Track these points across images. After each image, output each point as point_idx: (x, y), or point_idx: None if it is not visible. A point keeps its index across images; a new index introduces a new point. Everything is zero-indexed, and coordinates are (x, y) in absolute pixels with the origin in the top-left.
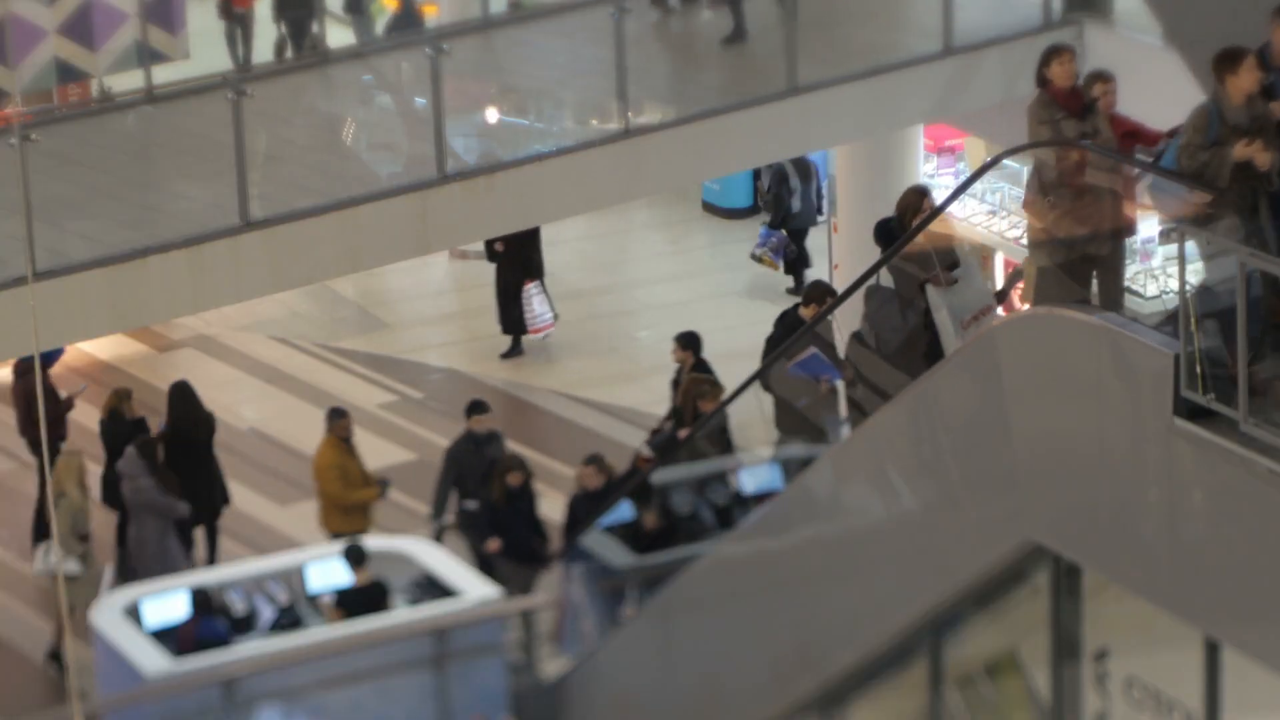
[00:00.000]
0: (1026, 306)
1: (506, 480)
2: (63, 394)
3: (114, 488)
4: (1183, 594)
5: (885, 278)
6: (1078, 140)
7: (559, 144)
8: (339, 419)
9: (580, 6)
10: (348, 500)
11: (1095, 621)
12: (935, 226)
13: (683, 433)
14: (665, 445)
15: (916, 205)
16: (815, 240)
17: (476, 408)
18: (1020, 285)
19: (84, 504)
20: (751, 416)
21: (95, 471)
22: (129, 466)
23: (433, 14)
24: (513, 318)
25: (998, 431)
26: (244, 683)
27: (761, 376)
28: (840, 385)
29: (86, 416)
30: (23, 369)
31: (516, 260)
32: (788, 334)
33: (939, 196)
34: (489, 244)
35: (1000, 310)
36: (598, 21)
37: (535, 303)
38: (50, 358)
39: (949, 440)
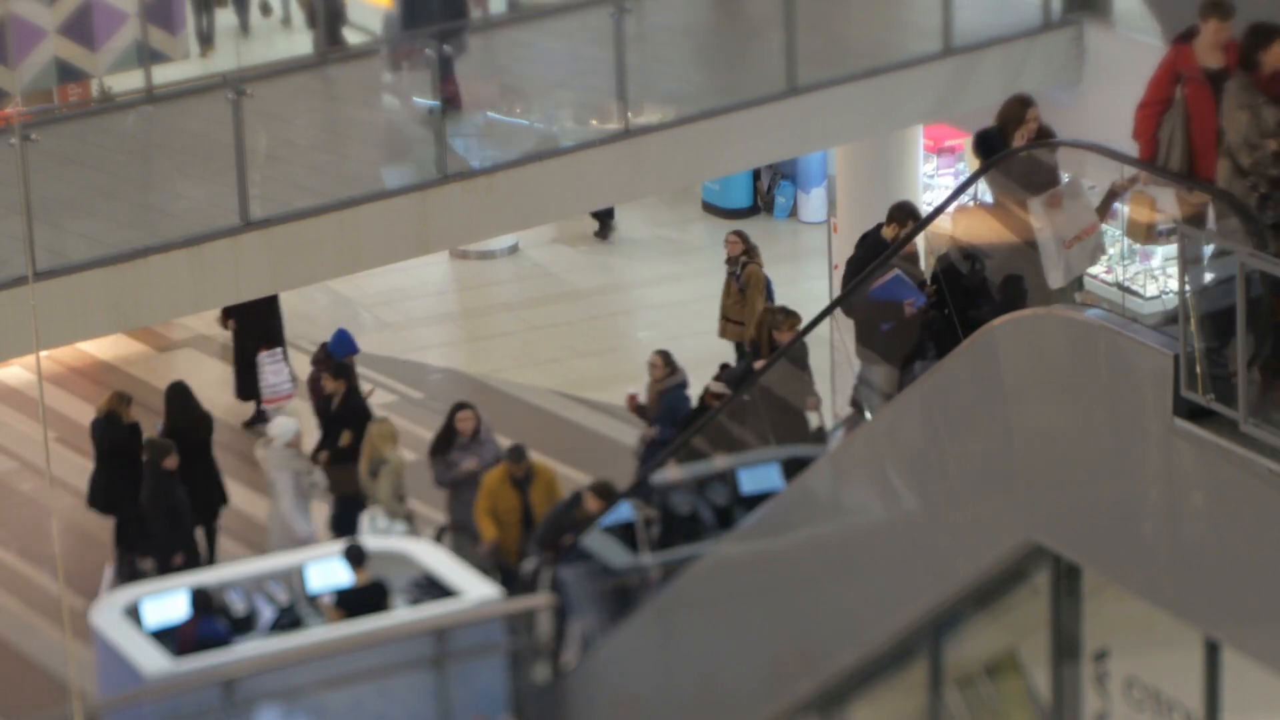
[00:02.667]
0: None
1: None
2: (365, 387)
3: (104, 490)
4: (1183, 594)
5: (985, 191)
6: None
7: (559, 144)
8: (517, 460)
9: (580, 6)
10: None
11: (1095, 621)
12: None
13: (759, 364)
14: (740, 377)
15: (1019, 116)
16: (815, 240)
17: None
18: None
19: (402, 465)
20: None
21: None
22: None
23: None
24: (247, 385)
25: (998, 431)
26: (244, 683)
27: (843, 301)
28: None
29: (89, 418)
30: (320, 357)
31: (253, 329)
32: (870, 255)
33: (939, 197)
34: (222, 318)
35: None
36: (598, 21)
37: (269, 373)
38: (346, 349)
39: (949, 440)
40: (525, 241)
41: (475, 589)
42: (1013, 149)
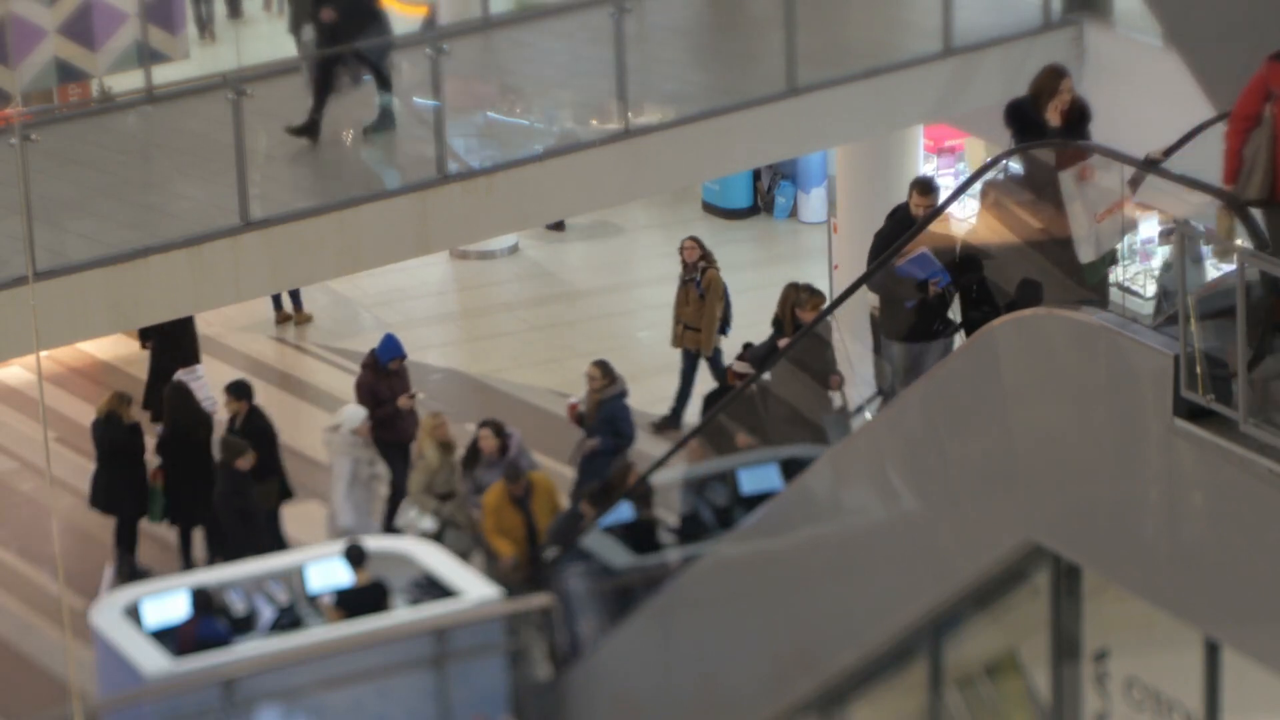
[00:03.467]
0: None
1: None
2: (419, 396)
3: (105, 491)
4: (1183, 594)
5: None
6: None
7: (559, 144)
8: (514, 479)
9: (580, 6)
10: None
11: (1095, 622)
12: (935, 227)
13: (783, 341)
14: (764, 356)
15: (1053, 87)
16: (816, 240)
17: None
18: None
19: (443, 464)
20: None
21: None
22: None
23: (423, 14)
24: (155, 403)
25: (998, 431)
26: (244, 683)
27: (868, 279)
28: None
29: (89, 418)
30: (369, 362)
31: (169, 348)
32: (898, 230)
33: (939, 197)
34: (141, 339)
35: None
36: (598, 21)
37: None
38: (392, 353)
39: (949, 440)
40: (525, 241)
41: (475, 589)
42: (1011, 150)
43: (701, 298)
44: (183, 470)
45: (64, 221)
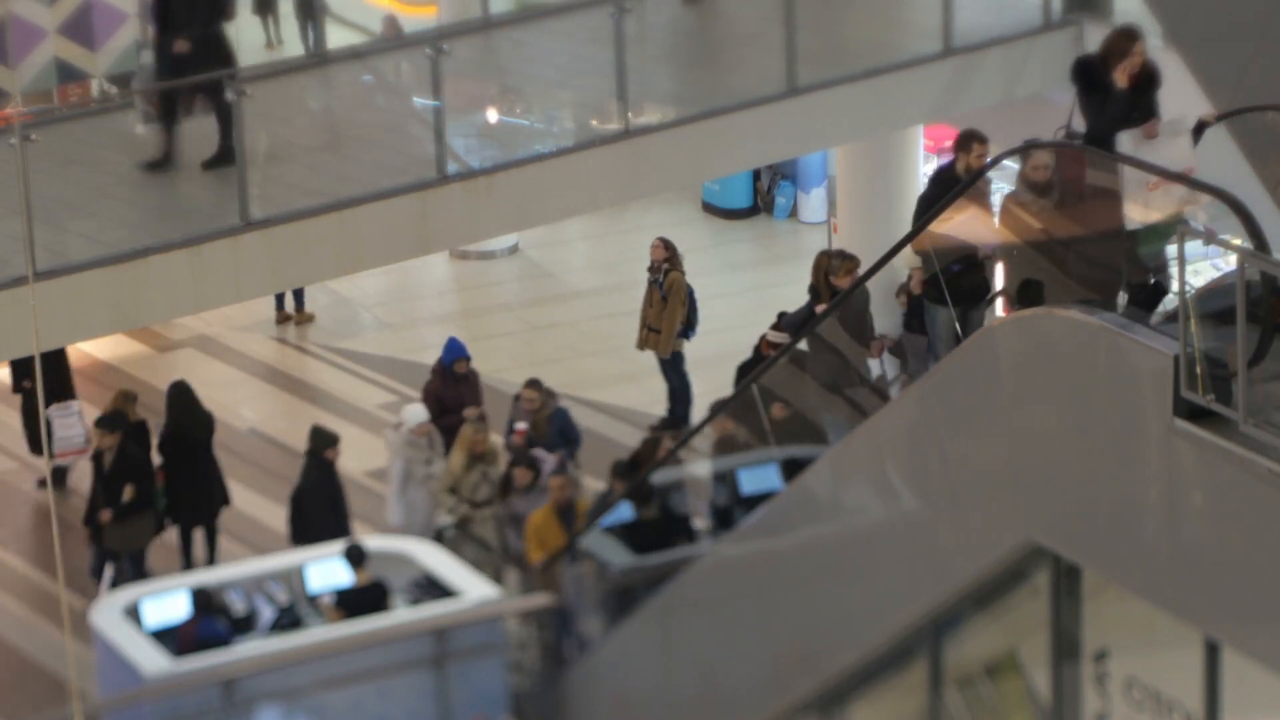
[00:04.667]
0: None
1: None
2: (471, 411)
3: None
4: (1183, 594)
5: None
6: None
7: (559, 144)
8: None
9: (580, 6)
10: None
11: (1095, 622)
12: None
13: (820, 307)
14: (800, 323)
15: (1124, 49)
16: (816, 240)
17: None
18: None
19: (469, 472)
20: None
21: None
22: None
23: (431, 14)
24: (38, 439)
25: (998, 431)
26: (244, 683)
27: (910, 241)
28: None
29: (89, 418)
30: (439, 368)
31: (45, 383)
32: (942, 191)
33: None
34: (15, 380)
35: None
36: (598, 21)
37: (59, 426)
38: (455, 354)
39: (949, 440)
40: (525, 241)
41: (475, 589)
42: (1014, 149)
43: (664, 299)
44: (183, 470)
45: (64, 221)
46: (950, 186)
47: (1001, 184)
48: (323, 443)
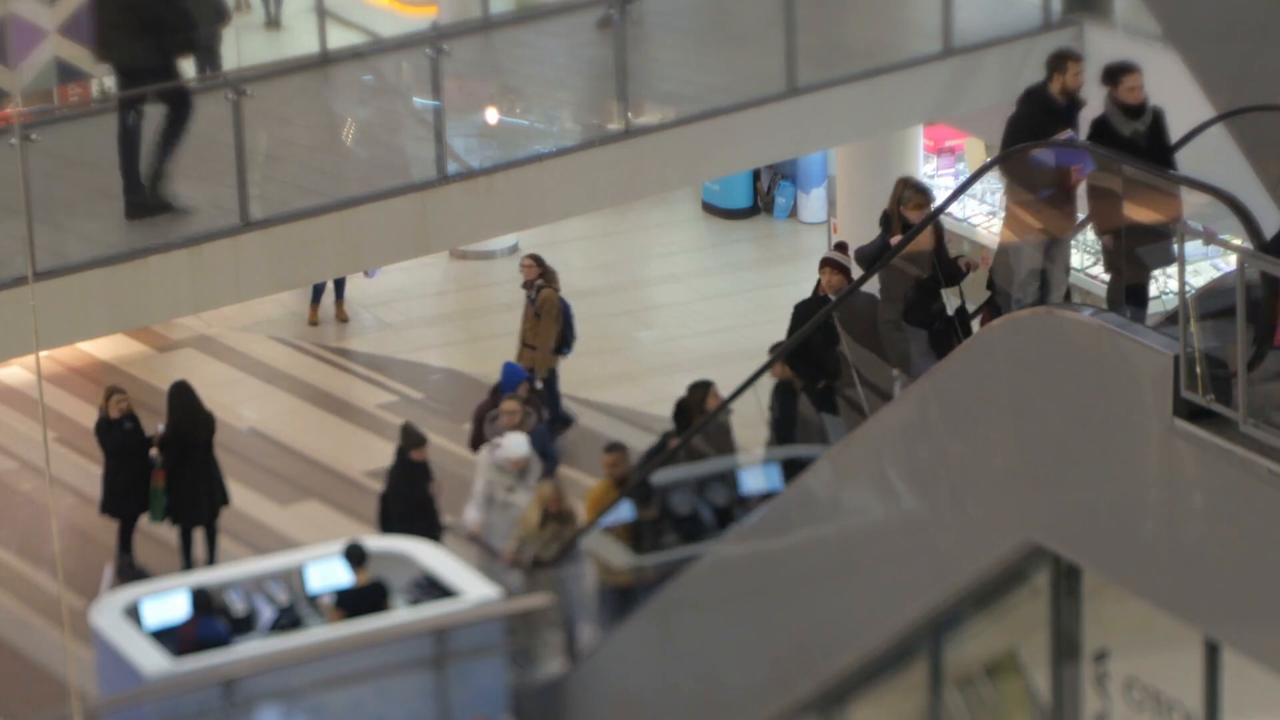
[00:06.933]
0: None
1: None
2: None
3: (115, 494)
4: (1183, 594)
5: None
6: None
7: (559, 144)
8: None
9: (580, 6)
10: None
11: (1095, 622)
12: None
13: (895, 239)
14: (875, 254)
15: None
16: (816, 240)
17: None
18: None
19: (542, 530)
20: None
21: None
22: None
23: (431, 14)
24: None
25: (998, 431)
26: (244, 683)
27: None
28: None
29: (89, 418)
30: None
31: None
32: (1034, 114)
33: (939, 197)
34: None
35: None
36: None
37: None
38: (517, 377)
39: (949, 440)
40: (525, 241)
41: (475, 589)
42: (1011, 150)
43: (537, 316)
44: (183, 470)
45: (64, 221)
46: (1043, 107)
47: (1001, 184)
48: (409, 442)
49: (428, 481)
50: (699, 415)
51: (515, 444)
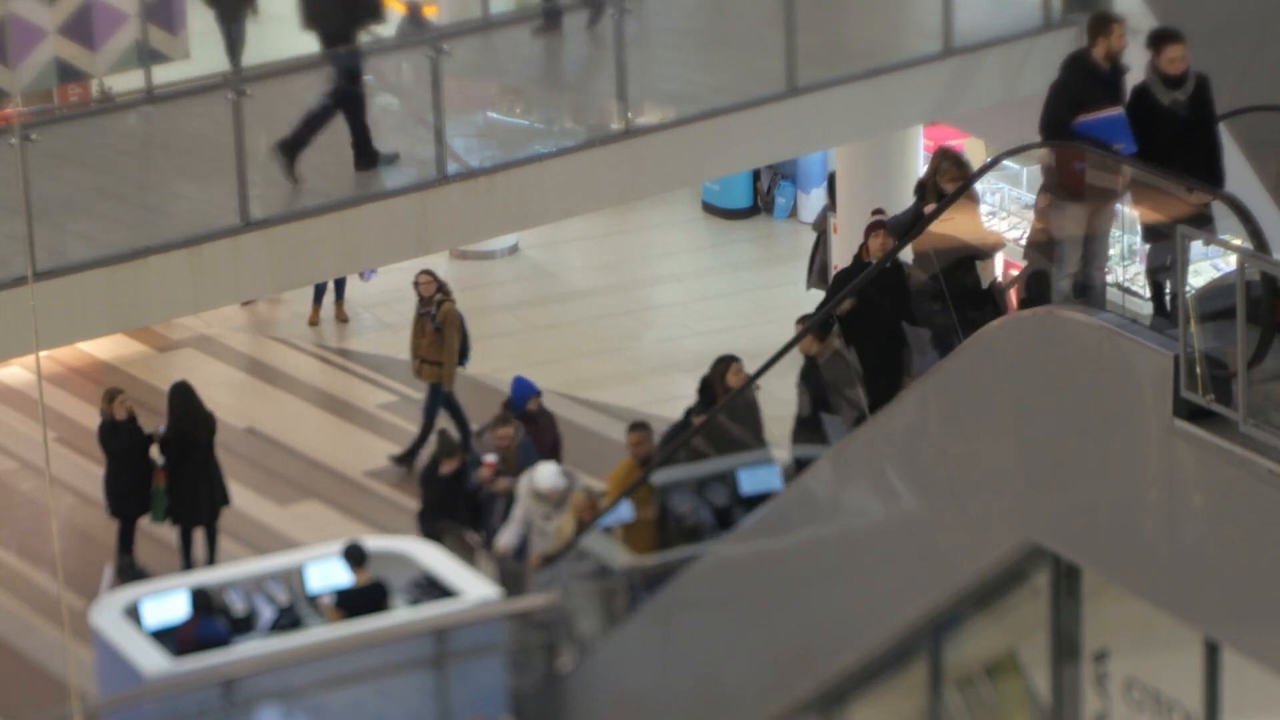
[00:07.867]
0: None
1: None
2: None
3: (119, 496)
4: (1183, 594)
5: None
6: None
7: (559, 144)
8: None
9: (580, 6)
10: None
11: (1095, 622)
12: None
13: (929, 208)
14: (910, 224)
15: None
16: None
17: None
18: None
19: (570, 538)
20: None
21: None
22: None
23: (432, 14)
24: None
25: (998, 431)
26: (244, 683)
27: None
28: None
29: (89, 418)
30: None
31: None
32: (1075, 80)
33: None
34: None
35: None
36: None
37: None
38: (527, 392)
39: (949, 440)
40: (525, 241)
41: (475, 589)
42: (1011, 150)
43: (438, 331)
44: (183, 470)
45: (64, 221)
46: (1086, 74)
47: (1001, 184)
48: (440, 451)
49: (463, 486)
50: (721, 389)
51: (546, 475)
